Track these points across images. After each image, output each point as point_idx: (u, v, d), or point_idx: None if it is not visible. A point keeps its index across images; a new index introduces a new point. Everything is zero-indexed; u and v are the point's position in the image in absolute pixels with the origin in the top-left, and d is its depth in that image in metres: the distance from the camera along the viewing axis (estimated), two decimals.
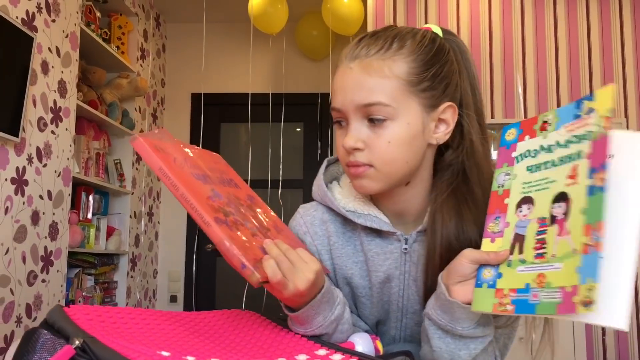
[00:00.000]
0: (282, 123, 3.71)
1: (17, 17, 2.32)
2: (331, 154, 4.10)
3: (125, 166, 3.56)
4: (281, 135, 3.67)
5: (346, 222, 0.93)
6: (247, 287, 3.25)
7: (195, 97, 4.18)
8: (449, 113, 0.85)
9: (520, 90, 3.10)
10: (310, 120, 4.24)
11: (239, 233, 0.74)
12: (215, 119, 4.14)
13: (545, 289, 0.64)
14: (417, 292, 0.89)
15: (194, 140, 4.11)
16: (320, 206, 0.95)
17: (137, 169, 3.68)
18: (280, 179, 3.44)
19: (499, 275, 0.71)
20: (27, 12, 2.40)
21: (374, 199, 0.92)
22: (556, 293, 0.63)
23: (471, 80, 0.88)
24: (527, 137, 0.75)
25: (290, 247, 0.78)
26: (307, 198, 4.39)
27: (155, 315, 0.81)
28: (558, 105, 3.09)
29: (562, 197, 0.67)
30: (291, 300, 0.79)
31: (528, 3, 3.19)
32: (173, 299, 4.07)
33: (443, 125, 0.85)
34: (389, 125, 0.81)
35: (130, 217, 3.58)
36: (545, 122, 0.73)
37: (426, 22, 3.19)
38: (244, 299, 3.32)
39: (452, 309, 0.77)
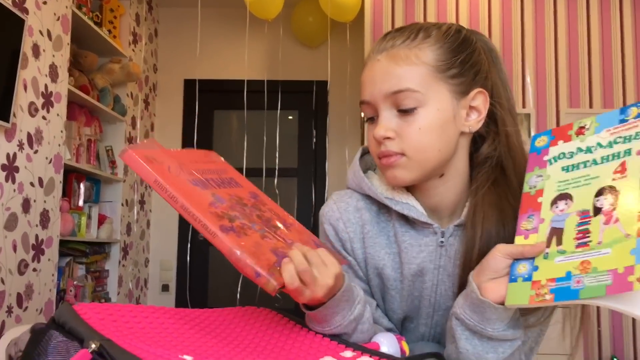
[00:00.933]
0: (278, 111, 3.65)
1: None
2: (327, 143, 4.05)
3: (117, 153, 3.49)
4: (278, 123, 3.61)
5: (381, 212, 0.91)
6: (241, 277, 3.21)
7: (188, 84, 4.10)
8: (479, 100, 0.84)
9: (529, 80, 3.07)
10: (306, 108, 4.18)
11: (247, 238, 0.71)
12: (208, 105, 4.07)
13: (590, 274, 0.66)
14: (451, 288, 0.87)
15: (186, 128, 4.03)
16: (355, 194, 0.93)
17: None
18: (277, 167, 3.39)
19: (535, 269, 0.71)
20: None
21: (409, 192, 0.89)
22: (604, 276, 0.65)
23: (501, 76, 0.89)
24: (560, 142, 0.79)
25: (311, 249, 0.75)
26: (302, 187, 4.33)
27: (169, 313, 0.77)
28: (557, 101, 3.09)
29: (608, 190, 0.71)
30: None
31: (528, 1, 3.15)
32: (165, 288, 4.01)
33: (475, 113, 0.85)
34: (419, 112, 0.81)
35: (122, 205, 3.52)
36: (581, 127, 0.78)
37: (425, 11, 3.16)
38: (239, 288, 3.28)
39: (482, 308, 0.74)
